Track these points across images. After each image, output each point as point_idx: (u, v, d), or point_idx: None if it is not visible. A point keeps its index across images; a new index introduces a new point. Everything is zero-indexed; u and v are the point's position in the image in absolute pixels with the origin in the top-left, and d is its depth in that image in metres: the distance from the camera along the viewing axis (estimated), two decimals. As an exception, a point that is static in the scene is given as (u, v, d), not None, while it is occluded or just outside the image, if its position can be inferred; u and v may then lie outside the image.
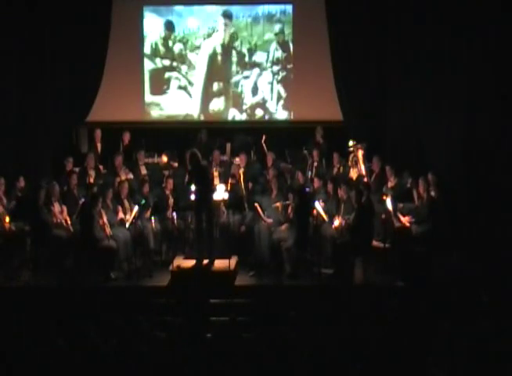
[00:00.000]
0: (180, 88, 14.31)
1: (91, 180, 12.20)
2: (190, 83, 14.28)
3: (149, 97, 14.34)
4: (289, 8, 14.23)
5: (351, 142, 12.54)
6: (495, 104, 12.19)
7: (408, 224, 10.96)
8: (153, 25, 14.23)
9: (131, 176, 12.42)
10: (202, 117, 14.33)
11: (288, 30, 14.24)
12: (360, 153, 12.33)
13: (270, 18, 14.26)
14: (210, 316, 8.99)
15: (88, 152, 13.06)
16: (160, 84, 14.32)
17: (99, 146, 13.26)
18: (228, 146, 13.43)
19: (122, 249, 10.93)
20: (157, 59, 14.26)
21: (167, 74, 14.31)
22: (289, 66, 14.32)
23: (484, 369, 7.11)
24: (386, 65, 13.45)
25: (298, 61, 14.24)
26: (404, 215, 11.06)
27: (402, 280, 10.41)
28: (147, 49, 14.23)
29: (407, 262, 10.66)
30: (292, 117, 14.33)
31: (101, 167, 12.74)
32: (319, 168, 12.60)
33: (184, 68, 14.29)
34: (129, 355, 7.41)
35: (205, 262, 10.86)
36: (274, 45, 14.29)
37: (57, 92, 13.65)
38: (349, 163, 12.34)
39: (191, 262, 10.89)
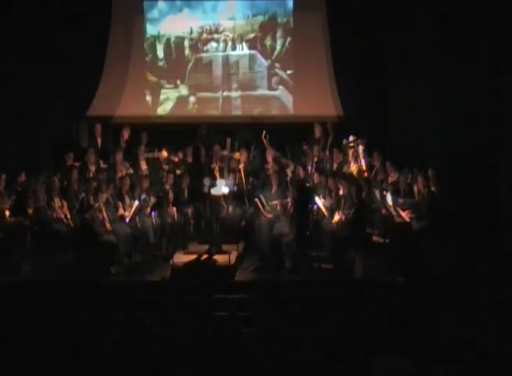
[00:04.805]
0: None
1: (92, 175, 12.21)
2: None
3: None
4: (289, 3, 14.28)
5: (351, 138, 12.56)
6: (494, 102, 12.05)
7: (408, 219, 10.97)
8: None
9: (131, 171, 12.47)
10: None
11: (288, 27, 14.31)
12: (360, 148, 12.35)
13: (270, 14, 14.32)
14: (211, 311, 9.00)
15: (89, 147, 13.05)
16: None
17: (99, 140, 13.30)
18: (228, 141, 13.51)
19: (122, 244, 10.97)
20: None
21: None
22: (289, 63, 14.37)
23: (484, 364, 7.17)
24: (386, 62, 13.48)
25: (299, 57, 14.28)
26: (404, 210, 11.06)
27: (402, 275, 10.39)
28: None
29: (407, 257, 10.66)
30: (293, 113, 14.39)
31: (101, 162, 12.77)
32: (319, 164, 12.59)
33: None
34: (129, 349, 7.51)
35: (205, 256, 10.84)
36: (275, 41, 14.37)
37: (57, 87, 13.69)
38: (350, 158, 12.34)
39: (191, 257, 10.89)
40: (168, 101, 14.65)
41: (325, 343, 7.62)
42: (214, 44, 14.48)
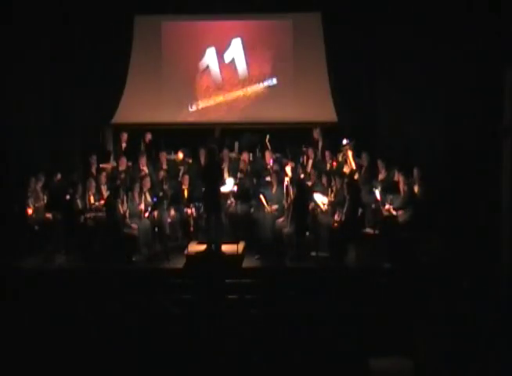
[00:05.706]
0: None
1: (119, 176, 12.76)
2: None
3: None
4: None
5: (349, 139, 12.92)
6: (474, 105, 12.17)
7: (394, 213, 11.32)
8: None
9: (146, 171, 12.89)
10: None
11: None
12: (357, 149, 12.76)
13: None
14: (222, 294, 9.59)
15: (119, 154, 13.48)
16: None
17: (123, 145, 13.83)
18: (237, 144, 13.96)
19: (142, 236, 11.53)
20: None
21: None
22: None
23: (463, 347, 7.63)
24: (375, 70, 13.92)
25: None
26: (390, 205, 11.41)
27: (389, 262, 10.94)
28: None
29: (393, 247, 11.05)
30: (292, 114, 14.65)
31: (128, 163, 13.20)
32: (316, 164, 12.98)
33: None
34: (148, 329, 8.14)
35: (216, 246, 11.32)
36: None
37: (87, 98, 14.36)
38: (348, 158, 12.62)
39: (204, 247, 11.37)
40: (179, 105, 15.02)
41: (322, 321, 8.24)
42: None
